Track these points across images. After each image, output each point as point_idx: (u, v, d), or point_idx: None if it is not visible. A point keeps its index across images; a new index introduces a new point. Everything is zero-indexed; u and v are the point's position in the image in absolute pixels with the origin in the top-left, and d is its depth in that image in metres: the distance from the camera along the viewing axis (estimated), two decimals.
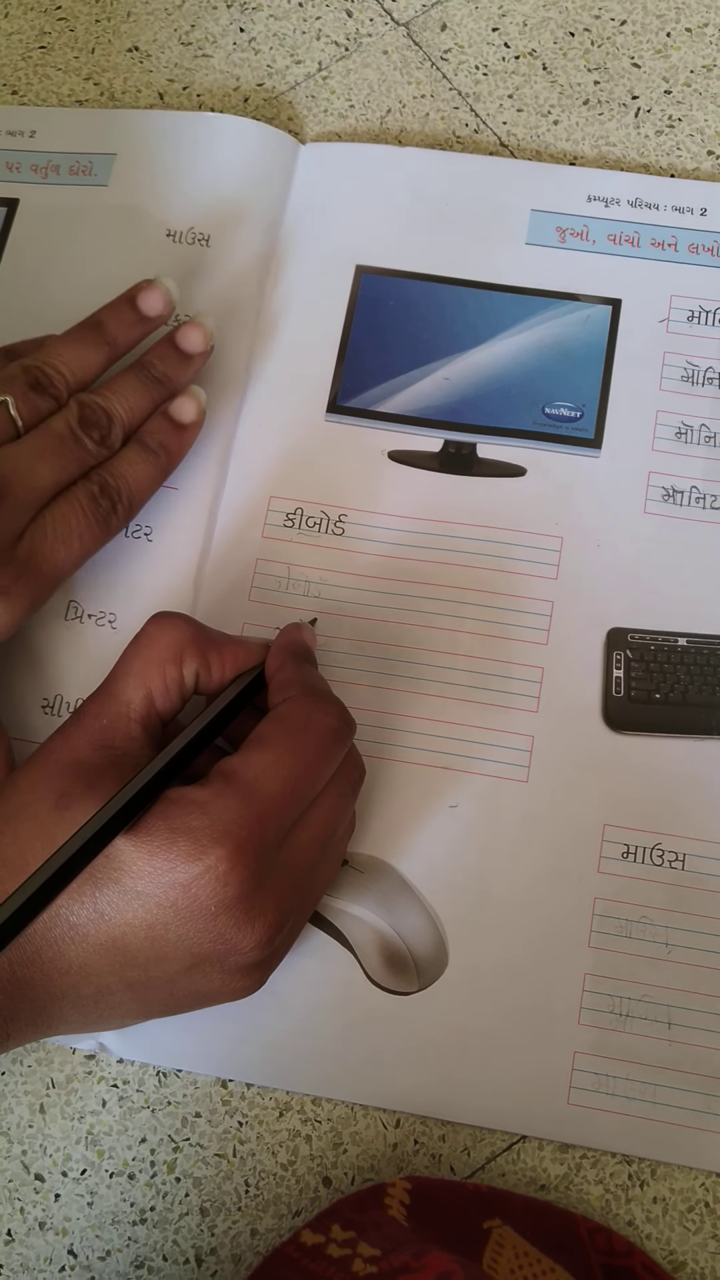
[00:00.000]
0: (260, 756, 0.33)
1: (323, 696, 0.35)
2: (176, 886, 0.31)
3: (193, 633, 0.35)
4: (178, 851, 0.31)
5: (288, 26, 0.51)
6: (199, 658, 0.35)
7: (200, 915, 0.31)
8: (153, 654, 0.35)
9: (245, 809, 0.32)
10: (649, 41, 0.50)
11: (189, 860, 0.31)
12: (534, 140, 0.48)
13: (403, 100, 0.49)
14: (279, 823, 0.32)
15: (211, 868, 0.31)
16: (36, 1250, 0.37)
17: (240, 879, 0.31)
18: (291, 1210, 0.37)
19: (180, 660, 0.35)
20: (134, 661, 0.35)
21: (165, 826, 0.31)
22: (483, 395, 0.44)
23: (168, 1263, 0.37)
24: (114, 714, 0.34)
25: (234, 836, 0.31)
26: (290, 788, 0.33)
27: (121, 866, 0.31)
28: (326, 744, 0.34)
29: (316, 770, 0.34)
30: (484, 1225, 0.35)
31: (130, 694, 0.34)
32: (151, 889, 0.31)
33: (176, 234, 0.46)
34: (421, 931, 0.39)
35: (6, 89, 0.50)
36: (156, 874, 0.31)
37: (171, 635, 0.35)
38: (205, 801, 0.32)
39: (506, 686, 0.41)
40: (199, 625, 0.36)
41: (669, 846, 0.39)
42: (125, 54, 0.50)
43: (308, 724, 0.34)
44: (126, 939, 0.32)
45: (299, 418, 0.44)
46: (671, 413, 0.43)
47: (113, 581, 0.42)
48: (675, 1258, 0.36)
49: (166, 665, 0.35)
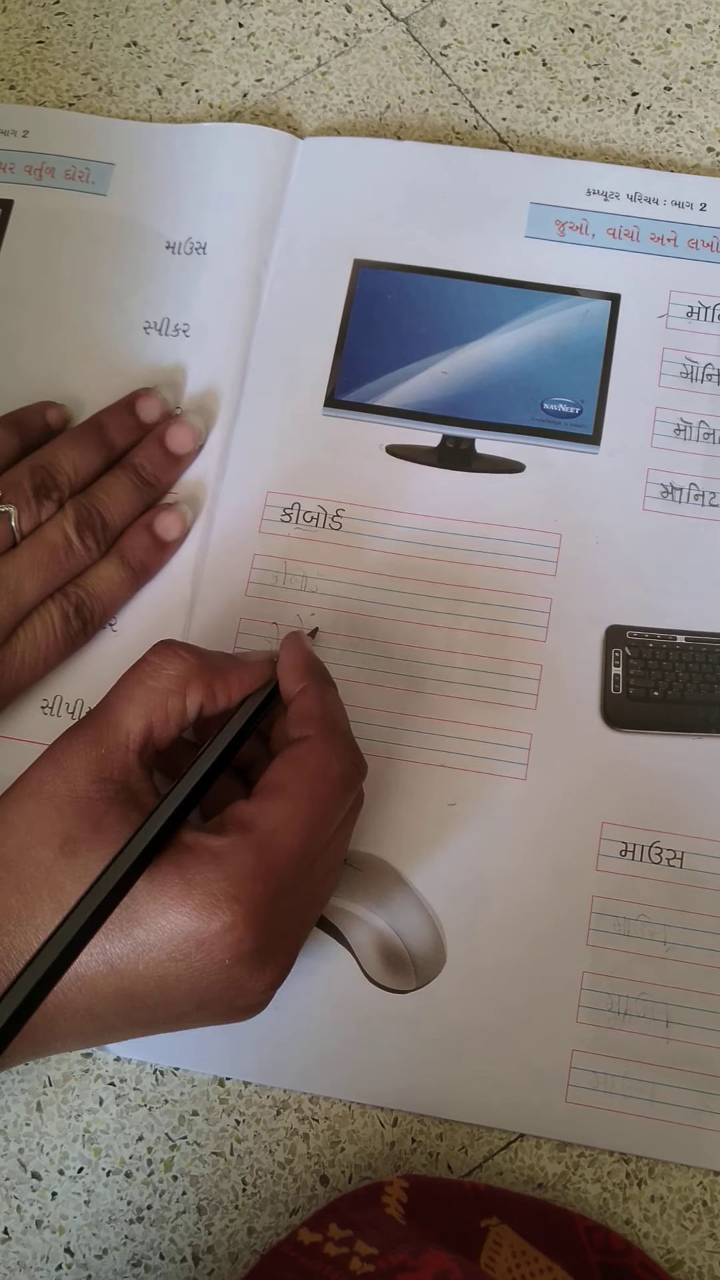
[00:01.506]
0: (278, 807, 0.32)
1: (340, 739, 0.34)
2: (190, 941, 0.30)
3: (198, 664, 0.34)
4: (193, 907, 0.30)
5: (287, 22, 0.51)
6: (204, 689, 0.34)
7: (214, 968, 0.31)
8: (157, 684, 0.34)
9: (262, 864, 0.31)
10: (649, 38, 0.49)
11: (205, 917, 0.30)
12: (533, 136, 0.48)
13: (402, 96, 0.49)
14: (294, 875, 0.32)
15: (229, 926, 0.30)
16: (33, 1248, 0.37)
17: (256, 933, 0.31)
18: (289, 1209, 0.37)
19: (184, 693, 0.34)
20: (136, 690, 0.34)
21: (181, 880, 0.31)
22: (481, 390, 0.44)
23: (165, 1261, 0.37)
24: (112, 743, 0.33)
25: (252, 895, 0.31)
26: (307, 840, 0.32)
27: (135, 919, 0.30)
28: (342, 792, 0.34)
29: (332, 819, 0.33)
30: (481, 1224, 0.35)
31: (130, 724, 0.33)
32: (164, 942, 0.30)
33: (176, 245, 0.46)
34: (419, 930, 0.39)
35: (4, 84, 0.50)
36: (171, 928, 0.30)
37: (176, 667, 0.34)
38: (222, 854, 0.31)
39: (505, 684, 0.41)
40: (203, 654, 0.35)
41: (667, 844, 0.39)
42: (123, 49, 0.50)
43: (325, 771, 0.33)
44: (135, 988, 0.31)
45: (296, 412, 0.44)
46: (670, 409, 0.43)
47: None
48: (673, 1256, 0.36)
49: (170, 697, 0.34)
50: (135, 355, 0.45)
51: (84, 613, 0.40)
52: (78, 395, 0.44)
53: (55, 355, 0.45)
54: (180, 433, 0.42)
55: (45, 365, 0.45)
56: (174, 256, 0.46)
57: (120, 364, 0.45)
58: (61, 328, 0.45)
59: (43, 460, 0.40)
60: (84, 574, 0.40)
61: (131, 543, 0.41)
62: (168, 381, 0.44)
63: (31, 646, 0.39)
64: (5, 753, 0.40)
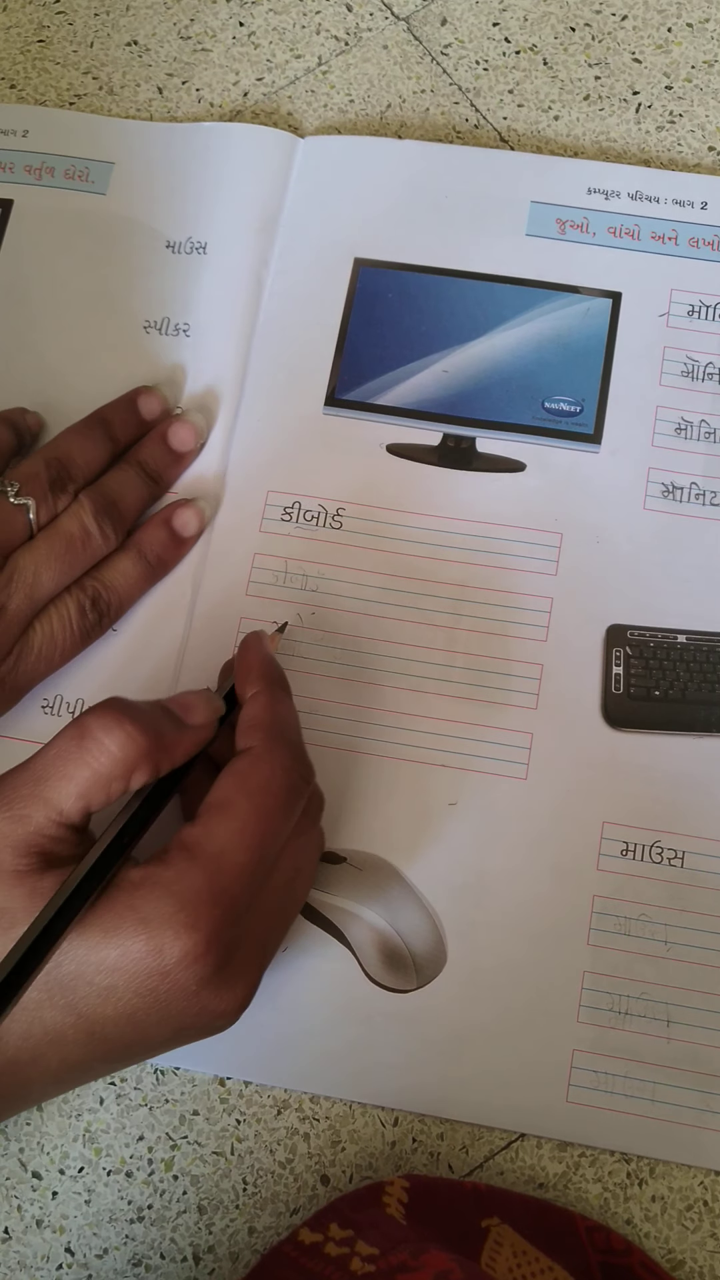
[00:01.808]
0: (223, 826, 0.32)
1: (284, 747, 0.34)
2: (155, 975, 0.30)
3: (146, 745, 0.31)
4: (151, 942, 0.30)
5: (287, 21, 0.50)
6: (150, 771, 0.32)
7: (181, 996, 0.30)
8: (99, 766, 0.31)
9: (214, 887, 0.31)
10: (650, 37, 0.49)
11: (164, 949, 0.30)
12: (534, 135, 0.48)
13: (403, 95, 0.49)
14: (248, 890, 0.31)
15: (189, 951, 0.30)
16: (34, 1248, 0.37)
17: (217, 954, 0.30)
18: (289, 1208, 0.37)
19: (129, 776, 0.31)
20: (75, 770, 0.31)
21: (134, 916, 0.30)
22: (482, 389, 0.44)
23: (165, 1261, 0.37)
24: (43, 820, 0.31)
25: (207, 918, 0.30)
26: (257, 855, 0.32)
27: (95, 964, 0.30)
28: (289, 800, 0.33)
29: (280, 829, 0.33)
30: (482, 1224, 0.35)
31: (64, 804, 0.31)
32: (128, 981, 0.30)
33: (176, 244, 0.46)
34: (420, 929, 0.39)
35: (5, 83, 0.50)
36: (132, 966, 0.30)
37: (124, 749, 0.31)
38: (171, 883, 0.30)
39: (505, 684, 0.41)
40: (152, 729, 0.32)
41: (668, 844, 0.39)
42: (124, 48, 0.50)
43: (270, 783, 0.33)
44: (107, 1031, 0.31)
45: (297, 411, 0.44)
46: (671, 408, 0.43)
47: None
48: (674, 1256, 0.36)
49: (113, 781, 0.31)
50: (135, 354, 0.45)
51: (100, 605, 0.40)
52: (78, 394, 0.44)
53: (55, 355, 0.45)
54: (182, 430, 0.42)
55: (45, 364, 0.45)
56: (174, 256, 0.46)
57: (120, 363, 0.45)
58: (61, 327, 0.45)
59: (56, 453, 0.40)
60: (100, 567, 0.40)
61: (149, 537, 0.41)
62: (168, 380, 0.44)
63: (48, 639, 0.39)
64: (6, 753, 0.40)
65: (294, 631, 0.41)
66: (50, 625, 0.39)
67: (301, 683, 0.41)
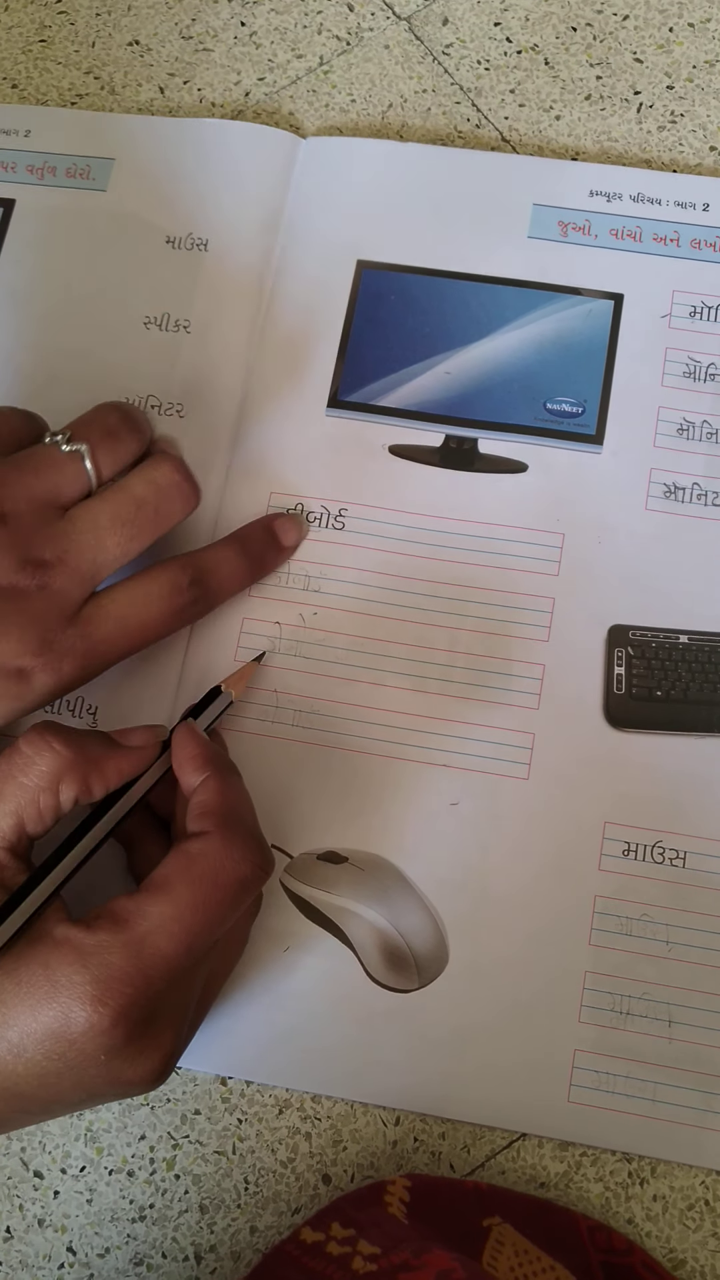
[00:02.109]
0: (158, 909, 0.31)
1: (240, 836, 0.33)
2: (62, 1041, 0.29)
3: (70, 757, 0.33)
4: (58, 1008, 0.29)
5: (289, 20, 0.50)
6: (78, 783, 0.33)
7: (90, 1064, 0.30)
8: (27, 780, 0.32)
9: (130, 967, 0.30)
10: (651, 36, 0.49)
11: (71, 1018, 0.29)
12: (536, 135, 0.48)
13: (404, 95, 0.49)
14: (168, 978, 0.31)
15: (94, 1025, 0.29)
16: (35, 1247, 0.37)
17: (125, 1029, 0.30)
18: (291, 1208, 0.37)
19: (56, 788, 0.32)
20: (4, 786, 0.32)
21: (46, 980, 0.30)
22: (484, 390, 0.44)
23: (167, 1260, 0.37)
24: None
25: (119, 996, 0.30)
26: (185, 948, 0.31)
27: (6, 1021, 0.30)
28: (234, 896, 0.32)
29: (217, 927, 0.32)
30: (484, 1223, 0.35)
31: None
32: (37, 1043, 0.30)
33: (176, 241, 0.46)
34: (422, 929, 0.39)
35: (6, 83, 0.50)
36: (40, 1029, 0.29)
37: (48, 762, 0.32)
38: (89, 954, 0.30)
39: (507, 683, 0.41)
40: (78, 744, 0.33)
41: (670, 844, 0.39)
42: (126, 48, 0.50)
43: (218, 876, 0.32)
44: (20, 1087, 0.30)
45: (300, 412, 0.44)
46: (673, 409, 0.43)
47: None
48: (675, 1255, 0.36)
49: (41, 794, 0.32)
50: (135, 350, 0.45)
51: (200, 586, 0.38)
52: (77, 391, 0.44)
53: (56, 352, 0.45)
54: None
55: (46, 363, 0.45)
56: (174, 251, 0.46)
57: (119, 359, 0.45)
58: (62, 324, 0.45)
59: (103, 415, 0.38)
60: (203, 551, 0.39)
61: (251, 534, 0.41)
62: (168, 377, 0.44)
63: (127, 606, 0.36)
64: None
65: (297, 632, 0.41)
66: (132, 593, 0.37)
67: (304, 683, 0.41)
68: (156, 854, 0.37)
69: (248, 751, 0.40)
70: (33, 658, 0.34)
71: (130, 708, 0.41)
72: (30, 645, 0.34)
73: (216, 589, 0.39)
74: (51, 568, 0.35)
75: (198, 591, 0.38)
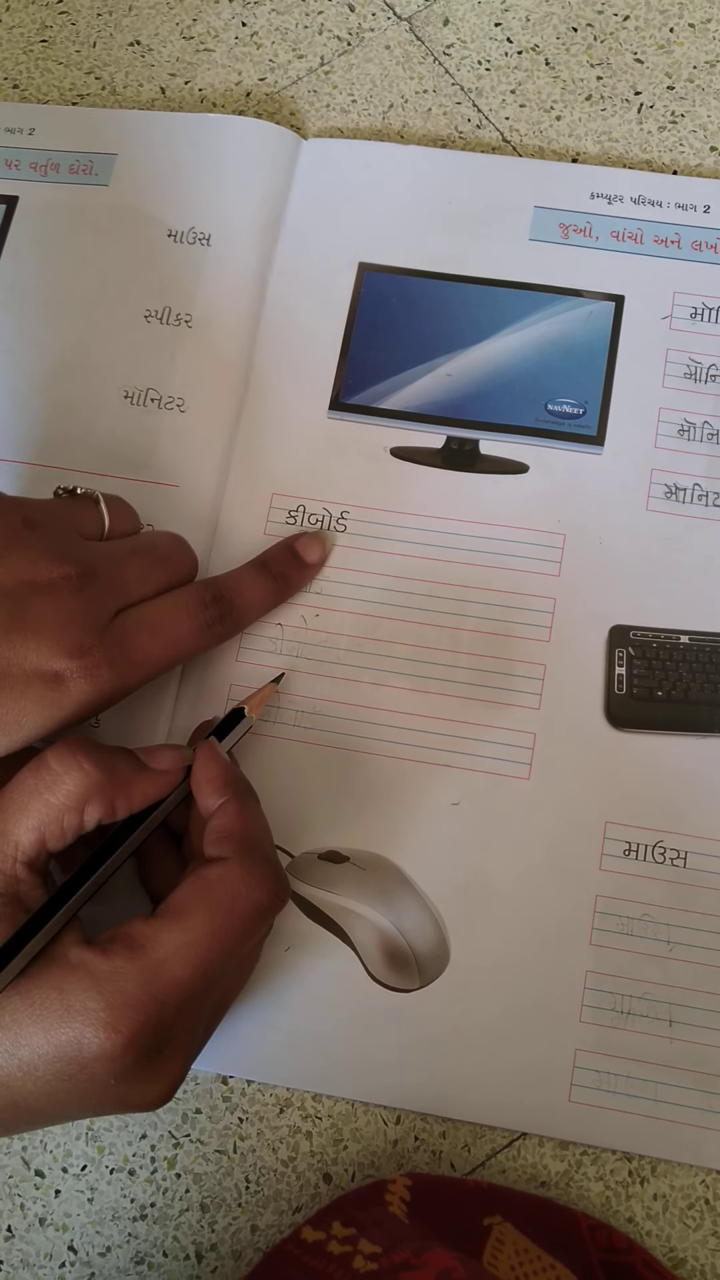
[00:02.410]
0: (173, 935, 0.31)
1: (259, 863, 0.33)
2: (73, 1064, 0.30)
3: (100, 779, 0.32)
4: (71, 1032, 0.29)
5: (290, 21, 0.50)
6: (104, 805, 0.32)
7: (99, 1087, 0.30)
8: (53, 798, 0.32)
9: (145, 994, 0.30)
10: (652, 37, 0.49)
11: (83, 1043, 0.29)
12: (536, 136, 0.48)
13: (405, 95, 0.49)
14: (180, 1005, 0.31)
15: (106, 1051, 0.29)
16: (37, 1246, 0.37)
17: (137, 1057, 0.30)
18: (292, 1206, 0.37)
19: (82, 809, 0.32)
20: (31, 802, 0.32)
21: (60, 1003, 0.30)
22: (485, 392, 0.44)
23: (168, 1259, 0.37)
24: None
25: (131, 1022, 0.30)
26: (200, 975, 0.31)
27: (19, 1041, 0.30)
28: (251, 924, 0.32)
29: (233, 953, 0.32)
30: (484, 1222, 0.35)
31: (20, 836, 0.31)
32: (48, 1064, 0.30)
33: (178, 234, 0.46)
34: (423, 929, 0.39)
35: (8, 83, 0.50)
36: (52, 1051, 0.30)
37: (77, 781, 0.32)
38: (103, 979, 0.30)
39: (508, 684, 0.41)
40: (108, 765, 0.33)
41: (671, 844, 0.39)
42: (127, 48, 0.50)
43: (235, 903, 0.32)
44: (28, 1101, 0.30)
45: (301, 415, 0.44)
46: (674, 410, 0.43)
47: None
48: (675, 1254, 0.36)
49: (66, 813, 0.32)
50: (135, 345, 0.45)
51: (223, 604, 0.38)
52: (77, 386, 0.44)
53: (57, 348, 0.45)
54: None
55: (47, 359, 0.45)
56: (176, 245, 0.46)
57: (121, 353, 0.45)
58: (64, 320, 0.45)
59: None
60: (223, 575, 0.39)
61: (273, 554, 0.41)
62: (169, 371, 0.44)
63: (161, 617, 0.36)
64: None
65: (298, 633, 0.41)
66: (159, 606, 0.36)
67: (306, 683, 0.41)
68: (169, 865, 0.37)
69: (249, 752, 0.40)
70: (69, 660, 0.33)
71: (131, 708, 0.41)
72: (67, 646, 0.33)
73: (242, 607, 0.39)
74: (85, 574, 0.35)
75: (222, 609, 0.38)
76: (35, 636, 0.33)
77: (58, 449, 0.44)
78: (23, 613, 0.33)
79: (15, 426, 0.44)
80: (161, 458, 0.43)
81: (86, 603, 0.34)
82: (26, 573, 0.33)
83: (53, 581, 0.34)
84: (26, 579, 0.33)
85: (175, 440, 0.43)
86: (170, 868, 0.37)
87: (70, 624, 0.33)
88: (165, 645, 0.36)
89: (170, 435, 0.43)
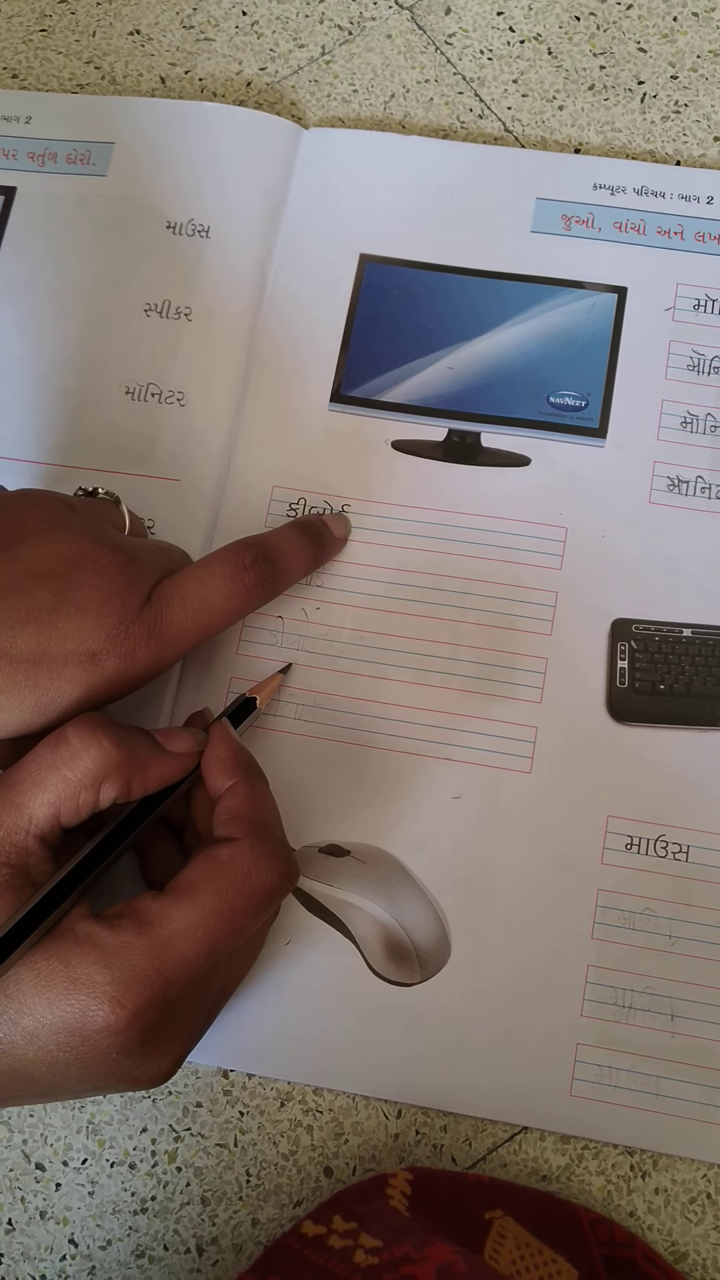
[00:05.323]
0: (182, 912, 0.31)
1: (269, 845, 0.33)
2: (76, 1035, 0.30)
3: (119, 758, 0.32)
4: (76, 1004, 0.29)
5: (290, 10, 0.50)
6: (120, 784, 0.32)
7: (101, 1061, 0.30)
8: (71, 774, 0.31)
9: (152, 969, 0.30)
10: (655, 26, 0.49)
11: (88, 1016, 0.29)
12: (539, 126, 0.48)
13: (406, 85, 0.49)
14: (188, 980, 0.31)
15: (110, 1025, 0.29)
16: (37, 1239, 0.37)
17: (141, 1032, 0.30)
18: (293, 1200, 0.37)
19: (99, 787, 0.32)
20: (48, 776, 0.31)
21: (66, 975, 0.30)
22: (487, 384, 0.44)
23: (169, 1252, 0.37)
24: (11, 826, 0.31)
25: (137, 998, 0.30)
26: (207, 953, 0.31)
27: (23, 1010, 0.30)
28: (259, 904, 0.32)
29: (241, 933, 0.32)
30: (485, 1216, 0.35)
31: (35, 810, 0.31)
32: (51, 1034, 0.30)
33: (176, 225, 0.46)
34: (424, 922, 0.39)
35: (7, 72, 0.49)
36: (56, 1022, 0.30)
37: (95, 759, 0.32)
38: (112, 952, 0.30)
39: (510, 677, 0.41)
40: (126, 744, 0.32)
41: (673, 838, 0.39)
42: (126, 37, 0.50)
43: (244, 884, 0.32)
44: (29, 1070, 0.30)
45: (302, 407, 0.44)
46: (677, 402, 0.43)
47: None
48: (677, 1248, 0.36)
49: (83, 790, 0.32)
50: (135, 339, 0.44)
51: (266, 565, 0.37)
52: (76, 382, 0.44)
53: (58, 343, 0.45)
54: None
55: (48, 355, 0.45)
56: (175, 237, 0.46)
57: (120, 349, 0.44)
58: (64, 314, 0.45)
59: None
60: (265, 533, 0.39)
61: (306, 520, 0.41)
62: (169, 364, 0.44)
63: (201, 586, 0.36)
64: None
65: (299, 626, 0.41)
66: (195, 571, 0.36)
67: (307, 676, 0.41)
68: (170, 859, 0.37)
69: (250, 745, 0.40)
70: (107, 640, 0.33)
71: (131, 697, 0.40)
72: (107, 627, 0.33)
73: (284, 567, 0.39)
74: (127, 550, 0.35)
75: (266, 569, 0.37)
76: (79, 616, 0.33)
77: (60, 446, 0.44)
78: (67, 593, 0.33)
79: (18, 424, 0.44)
80: (163, 452, 0.43)
81: (131, 577, 0.34)
82: (70, 553, 0.34)
83: (97, 562, 0.34)
84: (71, 558, 0.34)
85: (176, 434, 0.43)
86: (171, 861, 0.37)
87: (112, 601, 0.34)
88: (198, 612, 0.36)
89: (171, 429, 0.43)
